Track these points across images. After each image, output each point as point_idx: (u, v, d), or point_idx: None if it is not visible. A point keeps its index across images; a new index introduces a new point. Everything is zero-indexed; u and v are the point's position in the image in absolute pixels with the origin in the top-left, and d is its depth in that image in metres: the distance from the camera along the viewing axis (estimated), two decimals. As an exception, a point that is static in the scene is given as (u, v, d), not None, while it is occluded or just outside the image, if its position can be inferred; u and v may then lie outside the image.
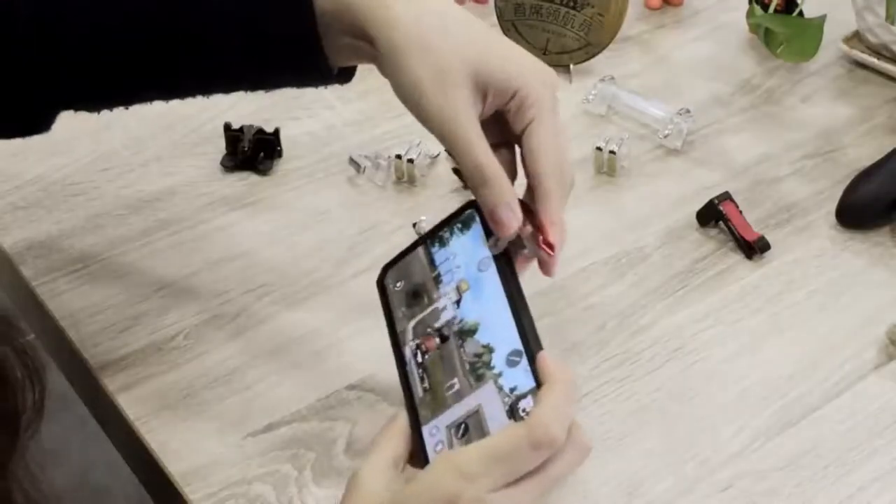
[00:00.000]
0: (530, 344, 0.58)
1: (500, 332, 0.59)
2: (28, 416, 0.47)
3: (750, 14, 1.06)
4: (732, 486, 0.70)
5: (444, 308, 0.62)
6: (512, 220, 0.62)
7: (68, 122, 0.72)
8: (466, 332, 0.60)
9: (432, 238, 0.65)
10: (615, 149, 0.92)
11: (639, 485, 0.70)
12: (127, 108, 0.73)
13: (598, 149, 0.93)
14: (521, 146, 0.65)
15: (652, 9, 1.15)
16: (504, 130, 0.65)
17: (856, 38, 1.08)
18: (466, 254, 0.63)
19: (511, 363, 0.58)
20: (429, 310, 0.62)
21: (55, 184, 0.92)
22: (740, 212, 0.87)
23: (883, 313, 0.81)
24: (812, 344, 0.79)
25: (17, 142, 0.89)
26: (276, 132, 0.93)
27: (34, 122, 0.72)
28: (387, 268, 0.66)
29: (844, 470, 0.70)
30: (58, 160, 0.94)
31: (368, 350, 0.78)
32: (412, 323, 0.63)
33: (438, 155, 0.94)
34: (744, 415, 0.74)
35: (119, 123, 0.98)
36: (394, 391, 0.75)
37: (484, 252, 0.62)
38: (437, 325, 0.61)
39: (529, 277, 0.83)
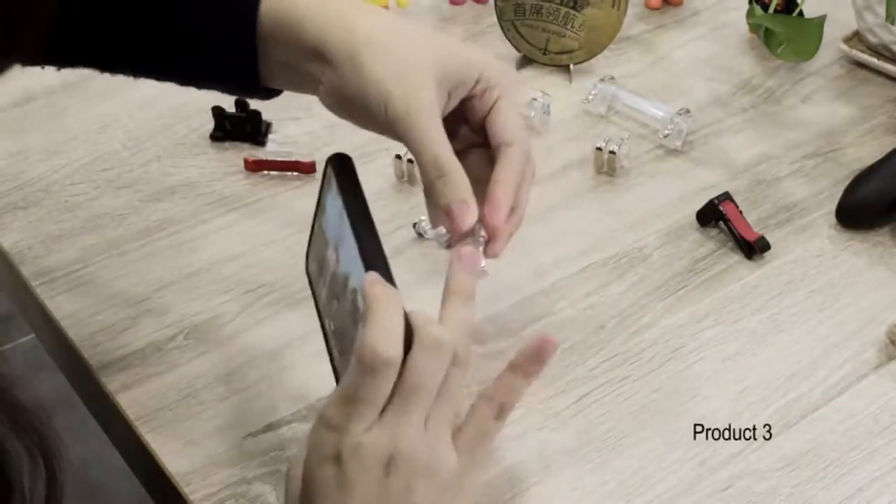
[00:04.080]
0: (372, 266, 0.56)
1: (358, 272, 0.57)
2: None
3: (750, 14, 1.06)
4: (732, 486, 0.70)
5: (334, 271, 0.61)
6: (466, 216, 0.62)
7: (68, 122, 0.72)
8: (344, 285, 0.60)
9: (317, 209, 0.65)
10: (615, 149, 0.92)
11: (639, 485, 0.70)
12: (59, 70, 0.71)
13: (598, 149, 0.93)
14: (487, 126, 0.65)
15: (652, 9, 1.15)
16: (469, 127, 0.67)
17: (856, 38, 1.08)
18: (334, 210, 0.62)
19: None
20: (328, 278, 0.62)
21: (55, 184, 0.92)
22: (740, 212, 0.87)
23: (883, 313, 0.81)
24: (812, 344, 0.79)
25: (18, 142, 0.89)
26: (254, 112, 0.95)
27: None
28: (307, 254, 0.66)
29: (844, 470, 0.70)
30: (58, 160, 0.94)
31: (368, 350, 0.78)
32: (323, 297, 0.63)
33: (438, 155, 0.93)
34: (744, 415, 0.74)
35: (119, 124, 0.98)
36: (394, 391, 0.75)
37: (339, 202, 0.61)
38: (334, 289, 0.61)
39: (529, 277, 0.84)
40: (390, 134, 0.64)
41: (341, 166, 0.62)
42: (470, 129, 0.67)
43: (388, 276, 0.56)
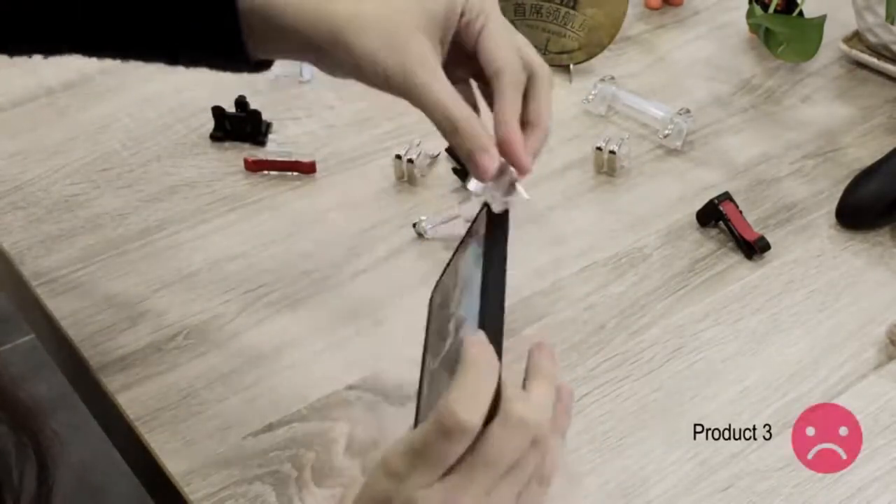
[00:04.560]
0: (484, 326, 0.55)
1: (472, 324, 0.56)
2: None
3: (750, 14, 1.06)
4: (732, 486, 0.70)
5: (453, 312, 0.61)
6: (487, 164, 0.61)
7: (68, 122, 0.72)
8: (457, 330, 0.59)
9: (460, 244, 0.64)
10: (615, 149, 0.92)
11: (639, 485, 0.70)
12: (45, 58, 0.71)
13: (598, 149, 0.93)
14: (478, 57, 0.64)
15: (652, 9, 1.15)
16: (467, 60, 0.65)
17: (856, 38, 1.08)
18: (473, 253, 0.61)
19: None
20: (446, 316, 0.61)
21: (55, 184, 0.92)
22: (740, 212, 0.87)
23: (883, 313, 0.81)
24: (812, 344, 0.79)
25: (18, 142, 0.89)
26: (253, 112, 0.95)
27: None
28: (436, 284, 0.66)
29: (844, 470, 0.70)
30: (58, 160, 0.94)
31: (368, 350, 0.78)
32: (434, 332, 0.62)
33: (438, 155, 0.94)
34: (744, 414, 0.74)
35: (119, 124, 0.98)
36: (394, 391, 0.75)
37: (481, 249, 0.60)
38: (447, 330, 0.60)
39: (529, 277, 0.84)
40: (398, 96, 0.63)
41: (498, 217, 0.61)
42: (469, 64, 0.65)
43: (497, 343, 0.54)
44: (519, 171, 0.62)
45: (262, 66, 0.69)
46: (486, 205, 0.62)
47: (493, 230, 0.60)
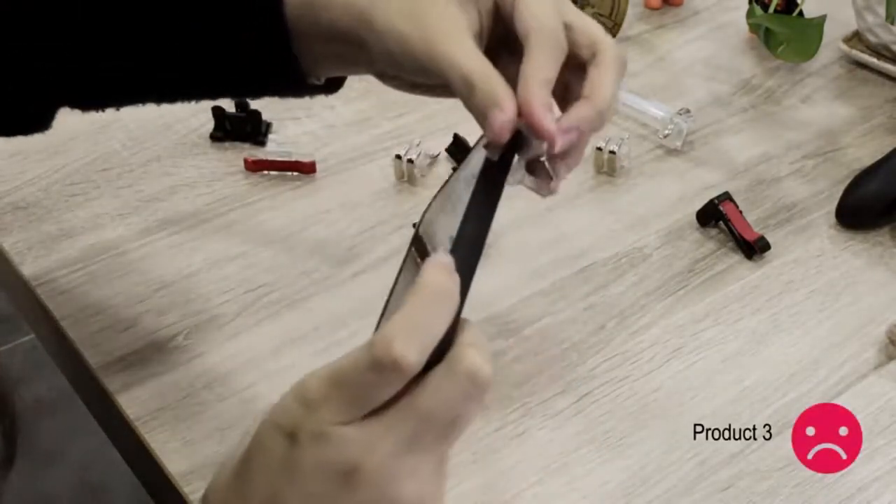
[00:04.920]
0: (455, 253, 0.48)
1: (446, 245, 0.49)
2: None
3: (750, 14, 1.06)
4: (732, 486, 0.70)
5: (432, 231, 0.53)
6: (501, 119, 0.53)
7: (68, 122, 0.72)
8: (432, 249, 0.51)
9: (462, 163, 0.56)
10: (615, 149, 0.92)
11: (639, 485, 0.70)
12: (118, 110, 0.72)
13: (598, 149, 0.93)
14: (514, 23, 0.56)
15: (652, 9, 1.15)
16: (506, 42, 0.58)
17: (856, 38, 1.08)
18: (468, 175, 0.54)
19: None
20: (425, 234, 0.53)
21: (55, 184, 0.92)
22: (740, 212, 0.87)
23: (883, 313, 0.81)
24: (812, 344, 0.79)
25: (17, 142, 0.89)
26: (253, 112, 0.95)
27: (33, 119, 0.72)
28: (431, 202, 0.57)
29: (844, 470, 0.70)
30: (58, 160, 0.94)
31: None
32: (412, 252, 0.54)
33: (438, 155, 0.94)
34: (744, 415, 0.74)
35: (119, 124, 0.98)
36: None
37: (476, 172, 0.53)
38: (422, 247, 0.52)
39: (529, 277, 0.84)
40: (439, 79, 0.56)
41: (504, 153, 0.53)
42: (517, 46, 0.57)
43: (465, 276, 0.47)
44: (538, 135, 0.53)
45: (333, 85, 0.66)
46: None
47: (495, 162, 0.53)
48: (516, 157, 0.54)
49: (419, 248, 0.52)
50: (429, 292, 0.45)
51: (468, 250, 0.48)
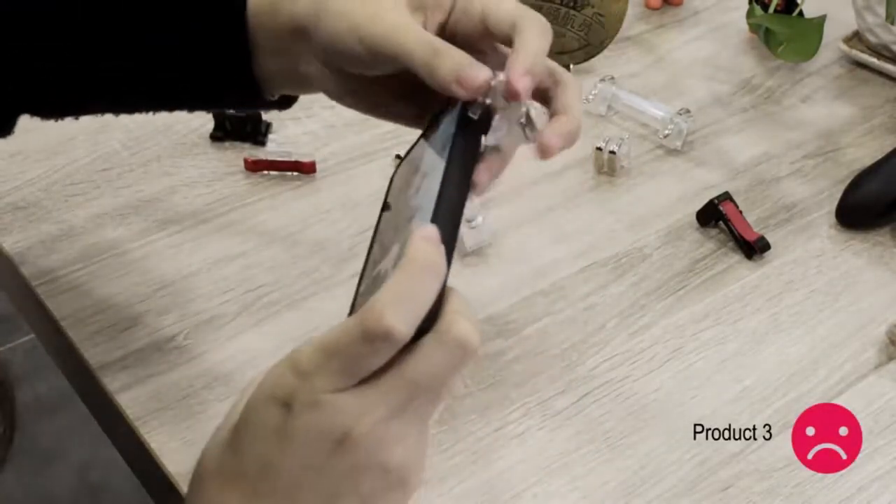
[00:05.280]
0: (437, 222, 0.48)
1: (424, 216, 0.49)
2: None
3: (750, 14, 1.06)
4: (732, 486, 0.70)
5: (408, 199, 0.54)
6: (475, 74, 0.54)
7: (68, 122, 0.72)
8: (409, 219, 0.51)
9: (428, 126, 0.58)
10: (615, 149, 0.92)
11: (639, 485, 0.70)
12: (76, 119, 0.72)
13: (598, 149, 0.93)
14: (488, 26, 0.58)
15: (652, 9, 1.15)
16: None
17: (856, 38, 1.08)
18: (441, 139, 0.55)
19: None
20: (401, 203, 0.55)
21: (55, 184, 0.92)
22: (740, 212, 0.87)
23: (883, 313, 0.81)
24: (812, 344, 0.79)
25: (18, 142, 0.89)
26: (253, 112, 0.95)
27: None
28: (399, 163, 0.59)
29: (844, 470, 0.70)
30: (58, 160, 0.94)
31: (368, 350, 0.78)
32: (387, 220, 0.55)
33: (438, 155, 0.94)
34: (744, 415, 0.74)
35: (119, 124, 0.98)
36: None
37: (449, 133, 0.53)
38: (398, 218, 0.54)
39: (529, 277, 0.84)
40: (394, 62, 0.58)
41: (482, 115, 0.54)
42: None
43: (449, 244, 0.47)
44: (509, 81, 0.55)
45: (280, 103, 0.68)
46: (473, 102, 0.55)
47: (469, 124, 0.54)
48: (496, 117, 0.55)
49: (390, 218, 0.53)
50: (416, 265, 0.46)
51: (450, 218, 0.49)
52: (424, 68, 0.56)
